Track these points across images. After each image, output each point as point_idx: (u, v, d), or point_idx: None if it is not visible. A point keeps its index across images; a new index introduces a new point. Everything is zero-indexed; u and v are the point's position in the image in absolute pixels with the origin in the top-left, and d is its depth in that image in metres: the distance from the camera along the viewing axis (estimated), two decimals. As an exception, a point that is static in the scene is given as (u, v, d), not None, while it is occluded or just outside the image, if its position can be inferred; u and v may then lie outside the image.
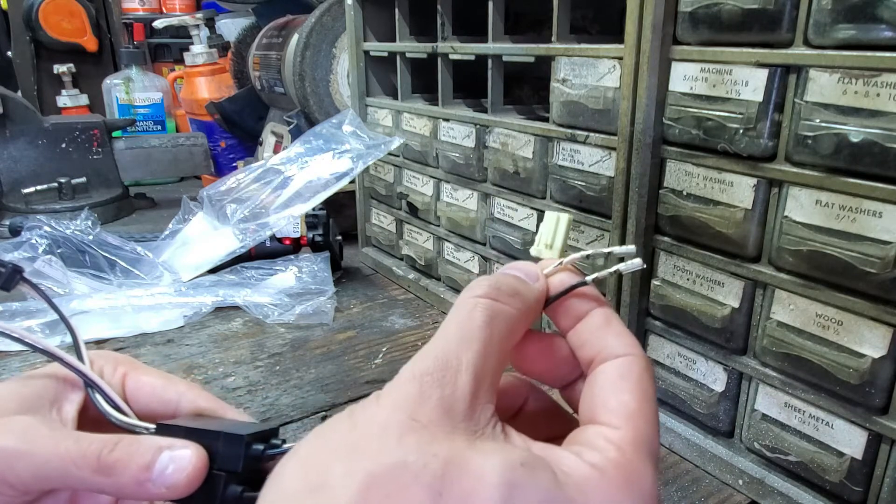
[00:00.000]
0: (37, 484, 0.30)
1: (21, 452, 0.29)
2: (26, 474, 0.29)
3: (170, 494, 0.29)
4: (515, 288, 0.26)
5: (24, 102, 1.18)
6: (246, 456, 0.30)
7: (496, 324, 0.24)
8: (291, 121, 1.09)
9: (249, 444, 0.30)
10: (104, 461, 0.29)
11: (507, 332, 0.25)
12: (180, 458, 0.29)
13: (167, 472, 0.29)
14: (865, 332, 0.39)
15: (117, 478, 0.29)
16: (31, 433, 0.30)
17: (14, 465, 0.29)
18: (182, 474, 0.29)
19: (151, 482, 0.29)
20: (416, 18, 0.78)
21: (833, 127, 0.37)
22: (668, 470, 0.50)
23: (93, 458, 0.29)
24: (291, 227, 0.85)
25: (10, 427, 0.30)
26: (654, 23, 0.46)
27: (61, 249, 0.78)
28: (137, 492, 0.29)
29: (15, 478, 0.29)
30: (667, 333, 0.52)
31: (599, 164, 0.54)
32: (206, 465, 0.29)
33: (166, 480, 0.29)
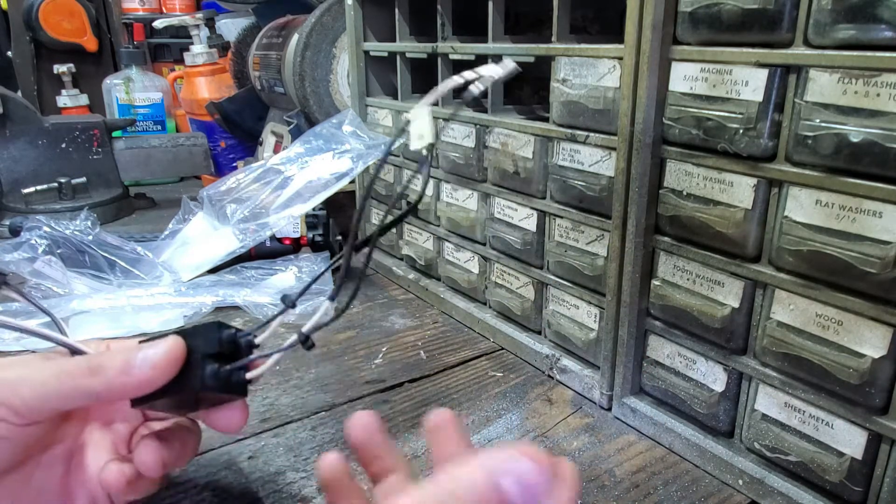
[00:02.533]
0: (40, 404, 0.33)
1: (23, 377, 0.33)
2: (30, 396, 0.32)
3: (154, 375, 0.33)
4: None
5: (24, 102, 1.18)
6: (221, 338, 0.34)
7: None
8: (291, 121, 1.09)
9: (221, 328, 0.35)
10: (93, 363, 0.33)
11: None
12: (158, 343, 0.33)
13: (148, 356, 0.33)
14: (865, 332, 0.39)
15: (105, 373, 0.33)
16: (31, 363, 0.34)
17: (18, 389, 0.32)
18: (161, 355, 0.33)
19: (136, 367, 0.33)
20: (416, 18, 0.78)
21: (833, 127, 0.37)
22: (668, 470, 0.50)
23: (84, 365, 0.33)
24: (291, 227, 0.85)
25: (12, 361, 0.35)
26: (654, 23, 0.46)
27: (61, 250, 0.78)
28: (125, 381, 0.33)
29: (20, 401, 0.32)
30: (667, 333, 0.52)
31: (599, 164, 0.54)
32: (182, 347, 0.33)
33: (149, 362, 0.33)
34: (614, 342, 0.55)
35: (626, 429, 0.56)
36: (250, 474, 0.49)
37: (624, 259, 0.53)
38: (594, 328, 0.59)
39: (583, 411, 0.58)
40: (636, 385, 0.56)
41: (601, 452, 0.52)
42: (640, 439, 0.54)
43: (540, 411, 0.58)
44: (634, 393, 0.57)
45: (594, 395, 0.59)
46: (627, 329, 0.54)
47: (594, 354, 0.59)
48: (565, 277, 0.61)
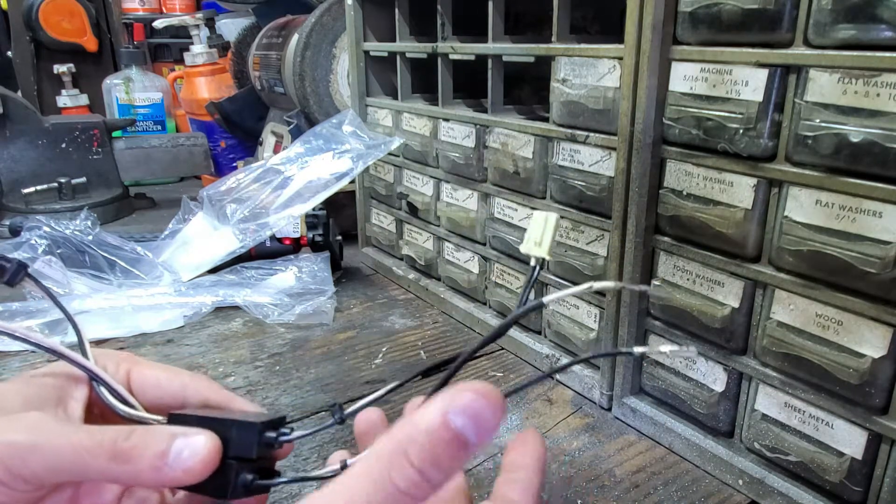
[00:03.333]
0: (49, 477, 0.30)
1: (34, 446, 0.29)
2: (39, 467, 0.29)
3: (185, 478, 0.29)
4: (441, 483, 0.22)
5: (24, 102, 1.18)
6: (259, 443, 0.31)
7: None
8: (291, 121, 1.09)
9: (262, 432, 0.31)
10: (120, 449, 0.29)
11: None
12: (195, 443, 0.29)
13: (183, 457, 0.29)
14: (865, 332, 0.39)
15: (134, 465, 0.29)
16: (42, 427, 0.30)
17: (27, 459, 0.29)
18: (197, 458, 0.29)
19: (168, 466, 0.29)
20: (416, 18, 0.78)
21: (833, 127, 0.37)
22: (668, 470, 0.50)
23: (108, 447, 0.29)
24: (291, 227, 0.85)
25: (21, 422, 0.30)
26: (654, 23, 0.46)
27: (61, 250, 0.78)
28: (154, 477, 0.29)
29: (28, 472, 0.29)
30: (667, 333, 0.52)
31: (599, 164, 0.54)
32: (220, 450, 0.30)
33: (182, 464, 0.29)
34: (614, 342, 0.55)
35: (626, 429, 0.56)
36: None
37: (624, 259, 0.53)
38: (594, 328, 0.59)
39: (583, 411, 0.58)
40: (636, 385, 0.56)
41: (601, 452, 0.52)
42: (640, 439, 0.54)
43: (540, 411, 0.58)
44: (634, 393, 0.57)
45: (594, 395, 0.59)
46: (627, 329, 0.54)
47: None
48: (565, 277, 0.61)
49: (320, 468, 0.37)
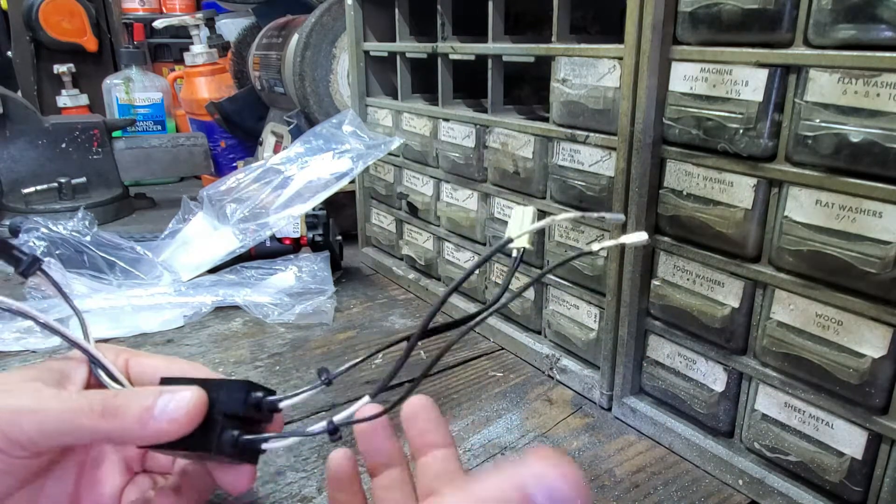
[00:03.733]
0: (44, 440, 0.31)
1: (27, 409, 0.30)
2: (32, 430, 0.30)
3: (171, 429, 0.30)
4: None
5: (24, 102, 1.18)
6: (246, 402, 0.32)
7: None
8: (291, 121, 1.09)
9: (249, 392, 0.32)
10: (108, 406, 0.30)
11: None
12: (180, 396, 0.31)
13: (168, 409, 0.30)
14: (865, 332, 0.39)
15: (121, 420, 0.30)
16: (37, 394, 0.31)
17: (20, 422, 0.30)
18: (182, 410, 0.30)
19: (154, 419, 0.30)
20: (416, 18, 0.78)
21: (833, 127, 0.37)
22: (668, 470, 0.50)
23: (98, 406, 0.30)
24: (291, 227, 0.85)
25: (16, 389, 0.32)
26: (654, 23, 0.46)
27: (59, 251, 0.78)
28: (141, 431, 0.30)
29: (22, 434, 0.30)
30: (667, 333, 0.52)
31: (599, 164, 0.54)
32: (205, 403, 0.31)
33: (167, 416, 0.30)
34: (614, 342, 0.55)
35: (626, 429, 0.56)
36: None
37: (624, 259, 0.53)
38: (594, 328, 0.59)
39: (583, 411, 0.58)
40: (636, 385, 0.56)
41: (601, 452, 0.52)
42: (640, 439, 0.54)
43: (540, 411, 0.58)
44: (634, 393, 0.57)
45: (594, 395, 0.59)
46: (627, 329, 0.54)
47: (594, 354, 0.59)
48: (565, 277, 0.61)
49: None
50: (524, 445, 0.53)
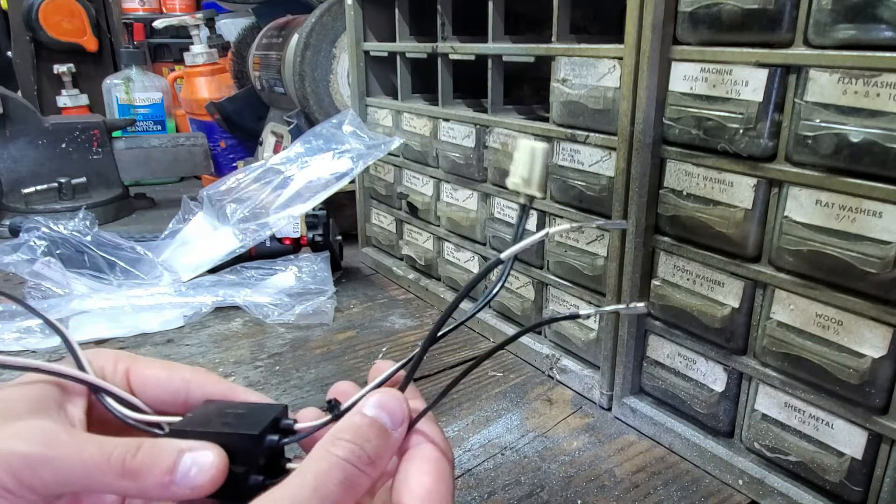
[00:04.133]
0: (59, 488, 0.30)
1: (45, 457, 0.30)
2: (49, 478, 0.30)
3: (194, 495, 0.30)
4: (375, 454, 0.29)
5: (24, 102, 1.18)
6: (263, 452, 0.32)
7: (349, 488, 0.27)
8: (291, 121, 1.09)
9: (263, 438, 0.32)
10: (128, 466, 0.30)
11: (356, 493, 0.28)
12: (202, 460, 0.30)
13: (191, 474, 0.30)
14: (865, 332, 0.39)
15: (142, 482, 0.30)
16: (52, 438, 0.30)
17: (38, 470, 0.29)
18: (206, 476, 0.30)
19: (175, 484, 0.30)
20: (416, 18, 0.78)
21: (833, 127, 0.37)
22: (668, 470, 0.50)
23: (117, 464, 0.30)
24: (291, 227, 0.85)
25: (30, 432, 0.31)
26: (654, 23, 0.46)
27: (60, 251, 0.78)
28: (161, 494, 0.30)
29: (38, 482, 0.29)
30: (667, 333, 0.52)
31: (599, 164, 0.54)
32: (226, 465, 0.30)
33: (190, 482, 0.30)
34: (614, 342, 0.55)
35: (626, 429, 0.56)
36: None
37: (624, 259, 0.53)
38: (594, 328, 0.59)
39: (583, 411, 0.58)
40: (636, 385, 0.56)
41: (601, 452, 0.52)
42: (640, 439, 0.54)
43: (540, 411, 0.58)
44: (634, 393, 0.57)
45: (594, 395, 0.59)
46: (627, 329, 0.54)
47: (594, 354, 0.59)
48: (565, 277, 0.61)
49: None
50: (524, 445, 0.53)
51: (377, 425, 0.29)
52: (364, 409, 0.30)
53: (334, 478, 0.27)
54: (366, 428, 0.29)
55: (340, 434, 0.28)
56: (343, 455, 0.27)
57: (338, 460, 0.27)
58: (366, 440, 0.28)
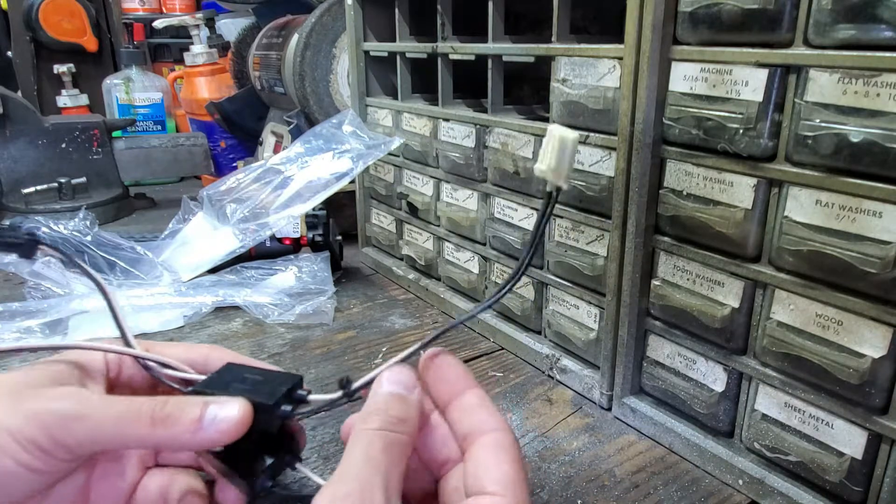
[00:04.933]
0: (90, 446, 0.32)
1: (78, 414, 0.31)
2: (83, 436, 0.31)
3: (220, 440, 0.32)
4: (402, 415, 0.32)
5: (24, 102, 1.18)
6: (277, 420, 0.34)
7: (393, 449, 0.30)
8: (291, 121, 1.09)
9: (277, 408, 0.34)
10: (158, 416, 0.32)
11: (402, 453, 0.31)
12: (227, 409, 0.33)
13: (217, 421, 0.32)
14: (865, 332, 0.39)
15: (171, 429, 0.32)
16: (84, 398, 0.33)
17: (72, 428, 0.31)
18: (232, 423, 0.32)
19: (203, 430, 0.32)
20: (416, 18, 0.78)
21: (833, 127, 0.37)
22: (668, 470, 0.50)
23: (147, 416, 0.32)
24: (291, 227, 0.85)
25: (63, 393, 0.33)
26: (654, 23, 0.46)
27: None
28: (190, 441, 0.32)
29: (73, 440, 0.31)
30: (667, 333, 0.52)
31: (599, 164, 0.54)
32: (251, 416, 0.33)
33: (216, 428, 0.32)
34: (614, 342, 0.55)
35: (626, 429, 0.56)
36: None
37: (624, 259, 0.53)
38: (594, 328, 0.59)
39: (583, 411, 0.58)
40: (636, 385, 0.56)
41: (601, 452, 0.52)
42: (640, 439, 0.54)
43: (540, 411, 0.58)
44: (634, 393, 0.57)
45: (594, 395, 0.59)
46: (627, 329, 0.54)
47: (594, 354, 0.59)
48: (565, 277, 0.61)
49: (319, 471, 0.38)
50: (524, 445, 0.53)
51: (394, 395, 0.32)
52: (378, 388, 0.33)
53: (377, 446, 0.29)
54: (386, 399, 0.32)
55: (367, 412, 0.32)
56: (376, 426, 0.30)
57: (373, 431, 0.30)
58: (389, 407, 0.32)
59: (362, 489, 0.27)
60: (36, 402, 0.31)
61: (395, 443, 0.30)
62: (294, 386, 0.35)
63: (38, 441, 0.30)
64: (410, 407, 0.32)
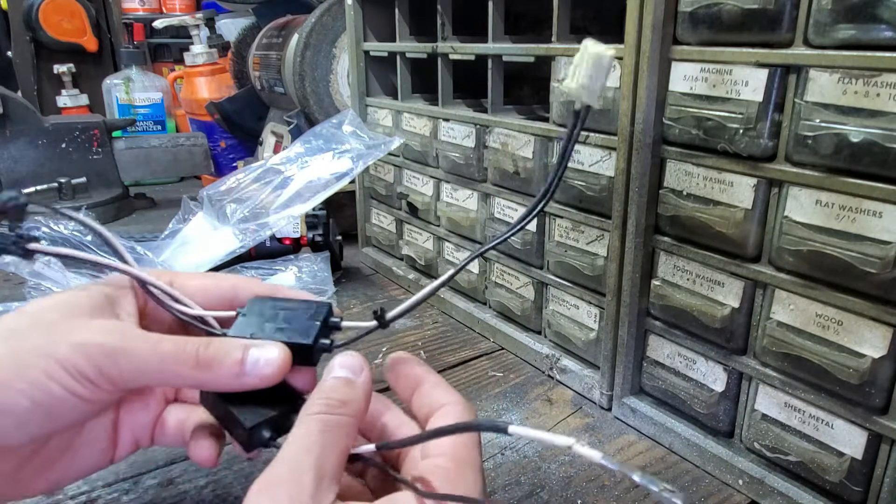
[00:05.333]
0: (134, 379, 0.33)
1: (124, 349, 0.32)
2: (127, 368, 0.32)
3: (261, 384, 0.34)
4: (344, 398, 0.32)
5: (24, 102, 1.18)
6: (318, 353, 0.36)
7: (331, 431, 0.30)
8: (291, 121, 1.09)
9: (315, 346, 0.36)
10: (202, 358, 0.33)
11: (342, 433, 0.30)
12: (268, 352, 0.34)
13: (259, 364, 0.34)
14: (865, 332, 0.39)
15: (215, 371, 0.33)
16: (129, 332, 0.34)
17: (118, 361, 0.32)
18: (274, 366, 0.34)
19: (246, 374, 0.33)
20: (416, 18, 0.78)
21: (833, 127, 0.37)
22: (668, 470, 0.50)
23: (191, 356, 0.33)
24: (291, 227, 0.85)
25: (108, 327, 0.34)
26: (654, 23, 0.46)
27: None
28: (233, 383, 0.33)
29: (117, 373, 0.32)
30: (667, 333, 0.52)
31: (599, 164, 0.54)
32: (290, 359, 0.34)
33: (259, 371, 0.33)
34: (614, 342, 0.55)
35: (626, 429, 0.56)
36: (251, 474, 0.49)
37: (624, 259, 0.53)
38: (594, 328, 0.59)
39: (583, 411, 0.58)
40: (636, 385, 0.56)
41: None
42: (640, 439, 0.54)
43: (540, 411, 0.58)
44: (634, 393, 0.57)
45: (594, 395, 0.59)
46: (627, 329, 0.54)
47: (594, 354, 0.59)
48: (565, 277, 0.61)
49: None
50: (524, 445, 0.53)
51: (340, 379, 0.33)
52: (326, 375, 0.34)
53: (313, 429, 0.30)
54: (330, 383, 0.33)
55: (310, 399, 0.32)
56: (316, 410, 0.31)
57: (312, 416, 0.30)
58: (332, 391, 0.32)
59: (291, 471, 0.27)
60: (81, 333, 0.32)
61: (333, 424, 0.30)
62: (327, 315, 0.37)
63: (85, 371, 0.31)
64: (356, 389, 0.33)
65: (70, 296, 0.35)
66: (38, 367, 0.30)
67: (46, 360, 0.30)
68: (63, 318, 0.33)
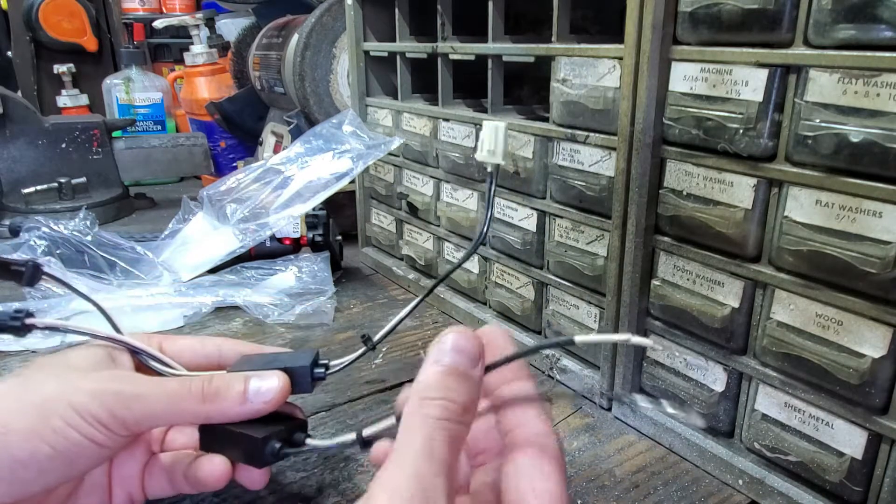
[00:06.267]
0: (147, 422, 0.35)
1: (136, 394, 0.34)
2: (140, 414, 0.34)
3: (265, 409, 0.36)
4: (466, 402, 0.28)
5: (24, 102, 1.18)
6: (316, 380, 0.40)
7: (455, 444, 0.27)
8: (291, 121, 1.09)
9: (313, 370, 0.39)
10: (207, 391, 0.35)
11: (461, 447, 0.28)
12: (269, 381, 0.36)
13: (262, 391, 0.36)
14: (865, 332, 0.39)
15: (220, 403, 0.35)
16: (137, 379, 0.36)
17: (130, 405, 0.34)
18: (275, 392, 0.36)
19: (250, 402, 0.36)
20: (416, 18, 0.78)
21: (833, 127, 0.37)
22: (668, 470, 0.50)
23: (197, 391, 0.35)
24: (291, 227, 0.84)
25: (118, 375, 0.36)
26: (654, 23, 0.46)
27: (60, 250, 0.78)
28: (239, 412, 0.36)
29: (130, 417, 0.34)
30: (667, 333, 0.52)
31: (599, 164, 0.54)
32: (289, 385, 0.37)
33: (262, 398, 0.36)
34: (614, 342, 0.55)
35: (626, 429, 0.56)
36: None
37: (624, 259, 0.53)
38: (594, 328, 0.59)
39: (583, 411, 0.58)
40: (636, 385, 0.56)
41: (601, 452, 0.52)
42: (640, 439, 0.54)
43: (540, 411, 0.58)
44: (635, 393, 0.56)
45: (594, 395, 0.59)
46: (627, 329, 0.54)
47: (594, 354, 0.59)
48: (565, 277, 0.61)
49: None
50: (524, 445, 0.53)
51: (456, 372, 0.28)
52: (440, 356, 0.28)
53: (439, 440, 0.26)
54: (447, 378, 0.28)
55: (426, 393, 0.27)
56: (439, 415, 0.27)
57: (437, 421, 0.26)
58: (451, 390, 0.27)
59: (425, 492, 0.24)
60: (93, 382, 0.34)
61: (457, 436, 0.27)
62: (315, 357, 0.40)
63: (101, 417, 0.33)
64: (473, 389, 0.28)
65: (75, 353, 0.37)
66: (58, 415, 0.32)
67: (65, 409, 0.32)
68: (73, 371, 0.35)
